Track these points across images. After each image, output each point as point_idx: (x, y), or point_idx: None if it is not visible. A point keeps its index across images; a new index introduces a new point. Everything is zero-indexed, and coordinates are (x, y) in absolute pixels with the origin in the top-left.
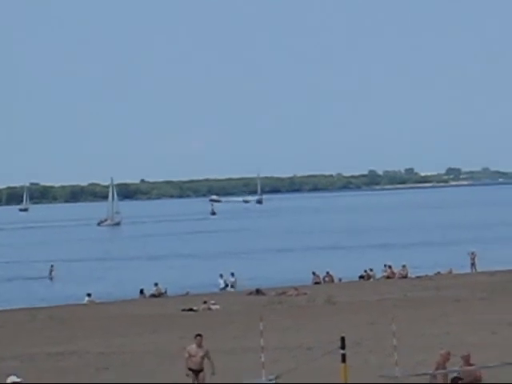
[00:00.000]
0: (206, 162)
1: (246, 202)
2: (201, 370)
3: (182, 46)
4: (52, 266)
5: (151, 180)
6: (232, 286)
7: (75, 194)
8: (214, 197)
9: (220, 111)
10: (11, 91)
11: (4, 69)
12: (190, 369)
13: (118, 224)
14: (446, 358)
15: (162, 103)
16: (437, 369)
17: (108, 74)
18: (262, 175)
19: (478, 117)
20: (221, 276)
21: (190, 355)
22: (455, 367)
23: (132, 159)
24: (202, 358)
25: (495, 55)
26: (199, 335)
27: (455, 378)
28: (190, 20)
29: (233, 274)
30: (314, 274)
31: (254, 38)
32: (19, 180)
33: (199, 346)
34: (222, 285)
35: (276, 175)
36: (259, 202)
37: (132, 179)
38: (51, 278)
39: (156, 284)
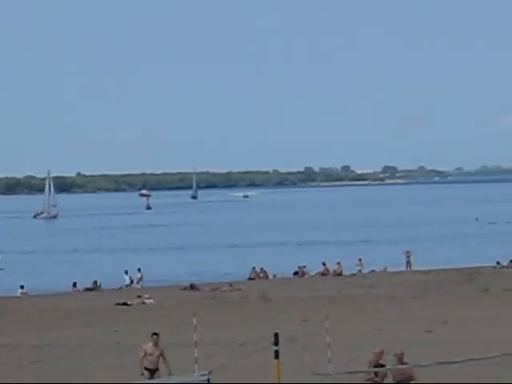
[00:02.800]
0: (141, 156)
1: (246, 196)
2: (157, 370)
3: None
4: None
5: (87, 173)
6: (138, 282)
7: (11, 187)
8: (144, 191)
9: (157, 106)
10: None
11: None
12: (146, 368)
13: (54, 217)
14: (379, 356)
15: (98, 97)
16: (370, 366)
17: (39, 66)
18: (198, 170)
19: (414, 117)
20: (126, 272)
21: (147, 354)
22: (388, 366)
23: (68, 152)
24: (159, 357)
25: (429, 56)
26: (156, 334)
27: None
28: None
29: (139, 270)
30: (253, 268)
31: (194, 34)
32: None
33: (156, 344)
34: (128, 281)
35: (212, 170)
36: (194, 197)
37: (68, 172)
38: (1, 269)
39: (95, 282)
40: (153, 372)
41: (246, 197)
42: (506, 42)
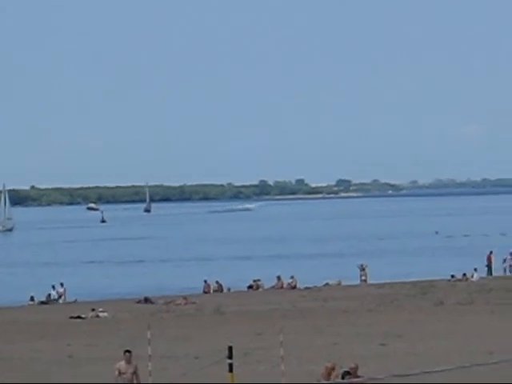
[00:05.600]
0: (96, 169)
1: (249, 209)
2: None
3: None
4: None
5: (41, 186)
6: (60, 297)
7: None
8: (92, 205)
9: (111, 119)
10: None
11: None
12: None
13: (10, 230)
14: (329, 371)
15: (52, 110)
16: (318, 381)
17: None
18: (152, 184)
19: (367, 130)
20: (53, 287)
21: (120, 372)
22: (342, 379)
23: (22, 165)
24: (132, 374)
25: (377, 69)
26: (128, 351)
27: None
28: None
29: (62, 285)
30: (205, 281)
31: (150, 44)
32: None
33: (128, 362)
34: (56, 296)
35: (166, 184)
36: (147, 210)
37: (22, 185)
38: None
39: (49, 295)
40: None
41: (248, 209)
42: (454, 55)
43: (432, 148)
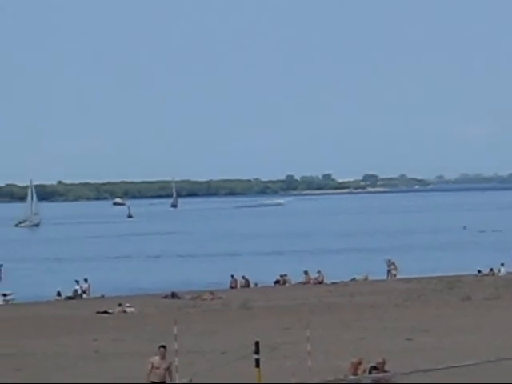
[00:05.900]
0: (123, 164)
1: (279, 204)
2: (164, 383)
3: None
4: (1, 265)
5: (68, 182)
6: (84, 292)
7: None
8: (118, 200)
9: (137, 115)
10: None
11: None
12: (153, 382)
13: (37, 225)
14: (356, 366)
15: (79, 105)
16: (346, 376)
17: (17, 72)
18: (178, 179)
19: (393, 125)
20: (77, 282)
21: (153, 367)
22: (369, 374)
23: (49, 161)
24: (166, 370)
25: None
26: (163, 346)
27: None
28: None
29: (86, 280)
30: (232, 276)
31: (170, 39)
32: None
33: (163, 357)
34: (79, 291)
35: (193, 179)
36: (174, 205)
37: (49, 181)
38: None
39: (76, 290)
40: None
41: (279, 204)
42: (481, 49)
43: (458, 143)
